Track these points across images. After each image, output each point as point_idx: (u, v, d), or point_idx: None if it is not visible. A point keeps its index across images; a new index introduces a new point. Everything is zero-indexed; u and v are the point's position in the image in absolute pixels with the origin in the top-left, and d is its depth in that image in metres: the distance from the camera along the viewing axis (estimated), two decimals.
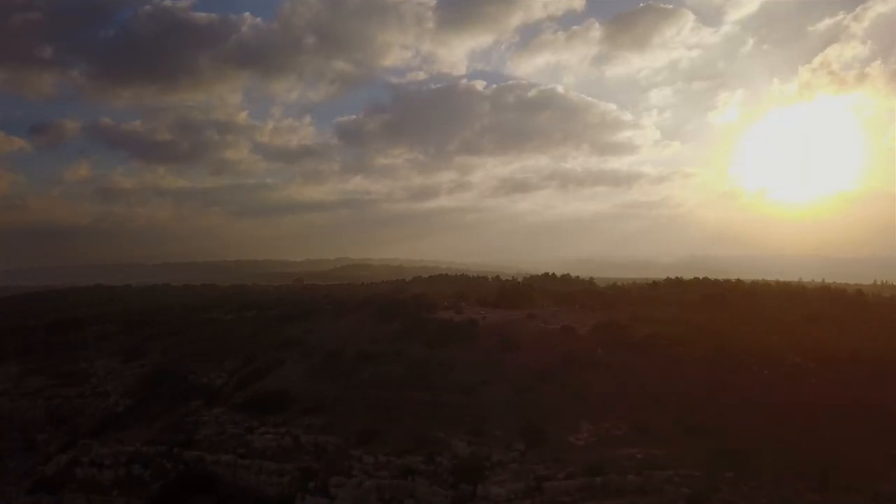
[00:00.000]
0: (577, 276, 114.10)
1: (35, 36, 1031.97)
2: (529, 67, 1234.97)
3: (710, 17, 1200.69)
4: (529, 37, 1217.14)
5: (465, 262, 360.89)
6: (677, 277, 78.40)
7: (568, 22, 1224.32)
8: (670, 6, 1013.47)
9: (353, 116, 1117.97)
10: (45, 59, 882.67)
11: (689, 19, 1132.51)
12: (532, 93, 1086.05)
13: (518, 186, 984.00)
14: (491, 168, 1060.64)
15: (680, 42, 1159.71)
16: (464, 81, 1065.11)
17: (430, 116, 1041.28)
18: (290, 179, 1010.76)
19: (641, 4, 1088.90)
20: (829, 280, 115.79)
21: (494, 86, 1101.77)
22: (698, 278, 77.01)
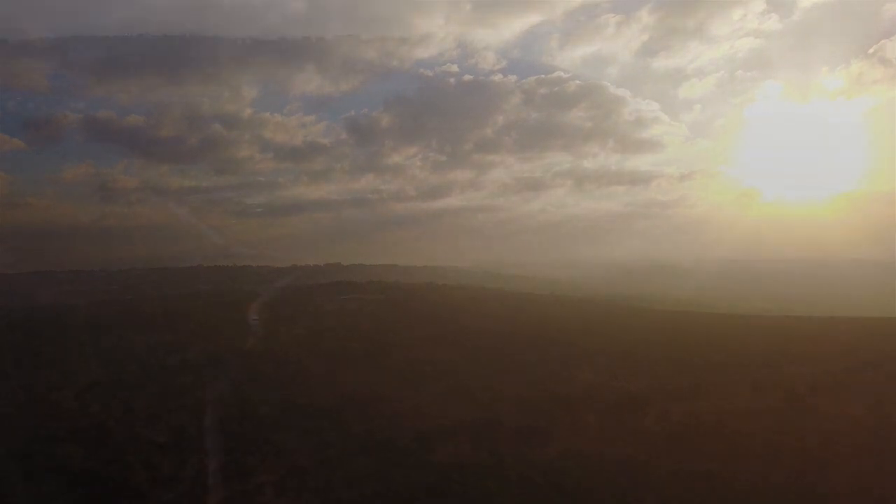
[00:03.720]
0: None
1: (31, 20, 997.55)
2: (572, 57, 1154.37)
3: (783, 1, 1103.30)
4: (581, 21, 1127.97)
5: (471, 268, 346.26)
6: None
7: (627, 6, 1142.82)
8: None
9: (368, 111, 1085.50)
10: (43, 46, 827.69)
11: (760, 3, 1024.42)
12: (572, 86, 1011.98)
13: (532, 185, 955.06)
14: (510, 166, 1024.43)
15: (744, 30, 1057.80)
16: (498, 76, 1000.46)
17: (455, 111, 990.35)
18: (297, 178, 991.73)
19: None
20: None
21: (532, 78, 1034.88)
22: None
